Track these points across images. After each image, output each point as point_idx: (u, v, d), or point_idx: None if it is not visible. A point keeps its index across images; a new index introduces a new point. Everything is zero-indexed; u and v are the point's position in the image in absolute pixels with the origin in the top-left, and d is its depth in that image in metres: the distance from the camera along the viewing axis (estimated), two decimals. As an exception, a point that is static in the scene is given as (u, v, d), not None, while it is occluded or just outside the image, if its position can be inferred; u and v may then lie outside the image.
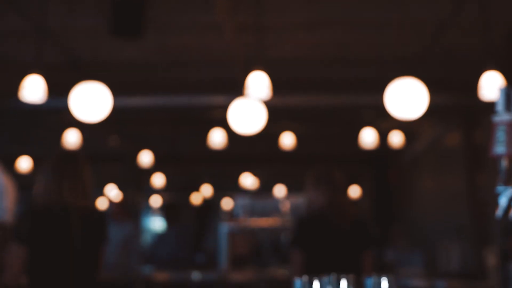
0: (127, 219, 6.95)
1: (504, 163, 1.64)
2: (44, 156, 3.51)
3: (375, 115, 8.32)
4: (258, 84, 4.70)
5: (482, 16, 4.81)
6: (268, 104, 5.49)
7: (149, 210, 16.41)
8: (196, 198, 16.05)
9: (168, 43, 6.12)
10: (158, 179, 13.27)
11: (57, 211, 3.30)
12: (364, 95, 7.31)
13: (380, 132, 8.64)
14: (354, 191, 14.45)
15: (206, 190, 15.30)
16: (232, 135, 7.43)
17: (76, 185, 3.35)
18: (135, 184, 13.89)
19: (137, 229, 7.99)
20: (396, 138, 8.98)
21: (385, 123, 8.59)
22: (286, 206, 7.84)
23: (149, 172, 12.86)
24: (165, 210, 7.84)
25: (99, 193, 12.43)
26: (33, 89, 4.74)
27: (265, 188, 14.11)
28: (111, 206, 7.08)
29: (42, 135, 9.98)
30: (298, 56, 6.57)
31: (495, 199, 1.63)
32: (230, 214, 8.37)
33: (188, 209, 15.33)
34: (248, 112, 5.28)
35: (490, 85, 4.50)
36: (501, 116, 1.66)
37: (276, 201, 8.10)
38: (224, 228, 7.54)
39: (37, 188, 3.36)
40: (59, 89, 5.47)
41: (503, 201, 1.61)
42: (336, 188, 4.03)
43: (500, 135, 1.64)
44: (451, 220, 8.95)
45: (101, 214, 3.50)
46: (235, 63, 6.27)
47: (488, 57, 4.68)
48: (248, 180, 14.12)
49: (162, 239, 7.47)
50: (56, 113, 7.92)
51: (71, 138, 8.05)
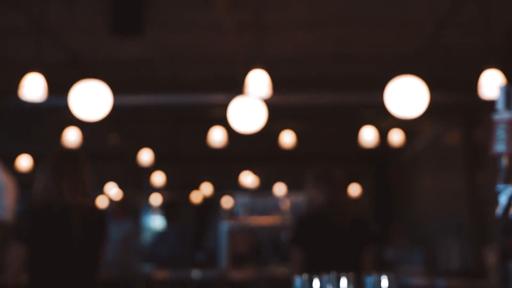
0: (127, 217, 6.95)
1: (504, 162, 1.64)
2: (44, 155, 3.50)
3: (375, 114, 8.32)
4: (258, 83, 4.70)
5: (482, 15, 4.81)
6: (268, 103, 5.49)
7: (149, 209, 16.41)
8: (196, 197, 16.05)
9: (168, 42, 6.12)
10: (158, 178, 13.27)
11: (57, 210, 3.29)
12: (364, 94, 7.31)
13: (380, 131, 8.64)
14: (354, 190, 14.45)
15: (206, 189, 15.30)
16: (232, 134, 7.43)
17: (76, 184, 3.35)
18: (135, 183, 13.89)
19: (137, 227, 7.98)
20: (396, 137, 8.99)
21: (385, 122, 8.59)
22: (286, 205, 7.84)
23: (149, 171, 12.86)
24: (165, 209, 7.84)
25: (99, 192, 12.44)
26: (33, 88, 4.74)
27: (265, 187, 14.11)
28: (111, 205, 7.08)
29: (42, 134, 9.98)
30: (298, 55, 6.57)
31: (495, 198, 1.63)
32: (230, 213, 8.37)
33: (188, 208, 15.34)
34: (248, 111, 5.28)
35: (490, 84, 4.50)
36: (501, 115, 1.66)
37: (276, 200, 8.09)
38: (224, 227, 7.53)
39: (37, 187, 3.35)
40: (59, 88, 5.47)
41: (503, 200, 1.61)
42: (336, 187, 4.03)
43: (500, 134, 1.64)
44: (451, 219, 8.95)
45: (101, 213, 3.50)
46: (235, 62, 6.27)
47: (488, 56, 4.68)
48: (248, 179, 14.12)
49: (162, 238, 7.47)
50: (56, 112, 7.91)
51: (71, 137, 8.05)
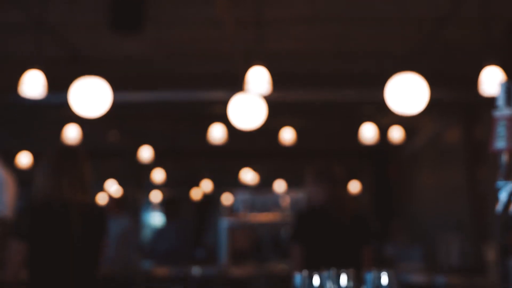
0: (124, 214, 6.95)
1: (504, 158, 1.64)
2: (44, 152, 3.50)
3: (375, 110, 8.32)
4: (258, 79, 4.70)
5: (482, 11, 4.80)
6: (268, 99, 5.49)
7: (149, 205, 16.42)
8: (196, 193, 16.06)
9: (168, 38, 6.11)
10: (158, 174, 13.28)
11: (57, 207, 3.29)
12: (364, 90, 7.30)
13: (380, 127, 8.64)
14: (354, 186, 14.46)
15: (206, 185, 15.32)
16: (232, 130, 7.43)
17: (76, 181, 3.34)
18: (135, 180, 13.90)
19: (135, 223, 7.98)
20: (396, 133, 8.99)
21: (385, 118, 8.59)
22: (286, 201, 7.85)
23: (149, 167, 12.87)
24: (165, 205, 7.84)
25: (99, 189, 12.44)
26: (33, 84, 4.73)
27: (265, 183, 14.12)
28: (108, 201, 7.07)
29: (42, 130, 9.97)
30: (298, 51, 6.56)
31: (495, 194, 1.62)
32: (230, 209, 8.37)
33: (188, 204, 15.35)
34: (248, 107, 5.28)
35: (490, 80, 4.49)
36: (502, 111, 1.66)
37: (276, 196, 8.10)
38: (224, 223, 7.54)
39: (37, 184, 3.35)
40: (59, 84, 5.46)
41: (503, 196, 1.60)
42: (336, 183, 4.04)
43: (501, 130, 1.64)
44: (451, 215, 8.95)
45: (101, 210, 3.51)
46: (235, 58, 6.27)
47: (488, 52, 4.68)
48: (248, 175, 14.13)
49: (162, 234, 7.47)
50: (56, 108, 7.91)
51: (71, 133, 8.05)
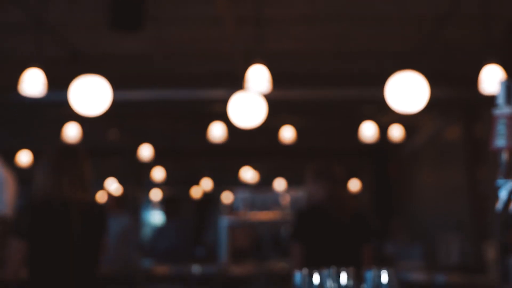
0: (124, 212, 6.94)
1: (505, 156, 1.63)
2: (44, 150, 3.50)
3: (375, 109, 8.31)
4: (258, 78, 4.69)
5: (482, 9, 4.80)
6: (268, 98, 5.48)
7: (149, 204, 16.42)
8: (196, 192, 16.07)
9: (168, 37, 6.10)
10: (158, 173, 13.28)
11: (57, 206, 3.29)
12: (364, 89, 7.30)
13: (380, 126, 8.64)
14: (354, 185, 14.46)
15: (206, 184, 15.31)
16: (232, 129, 7.42)
17: (76, 179, 3.34)
18: (135, 178, 13.89)
19: (135, 222, 7.97)
20: (396, 132, 8.98)
21: (385, 117, 8.58)
22: (286, 200, 7.84)
23: (149, 166, 12.86)
24: (165, 204, 7.83)
25: (99, 187, 12.43)
26: (33, 83, 4.73)
27: (265, 182, 14.11)
28: (107, 200, 7.06)
29: (42, 129, 9.97)
30: (298, 50, 6.56)
31: (495, 193, 1.62)
32: (230, 208, 8.37)
33: (188, 203, 15.35)
34: (248, 106, 5.28)
35: (490, 79, 4.49)
36: (502, 109, 1.66)
37: (276, 195, 8.09)
38: (224, 222, 7.54)
39: (37, 183, 3.35)
40: (59, 83, 5.47)
41: (503, 195, 1.60)
42: (336, 182, 4.04)
43: (501, 128, 1.63)
44: (451, 214, 8.95)
45: (101, 208, 3.50)
46: (235, 57, 6.26)
47: (488, 51, 4.67)
48: (248, 174, 14.13)
49: (162, 233, 7.47)
50: (56, 107, 7.91)
51: (71, 132, 8.05)
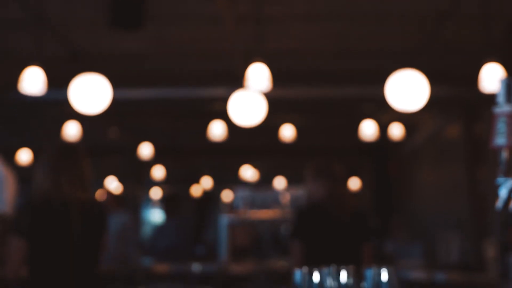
0: (122, 210, 6.92)
1: (505, 155, 1.63)
2: (44, 149, 3.50)
3: (375, 107, 8.31)
4: (258, 76, 4.69)
5: (482, 8, 4.80)
6: (268, 96, 5.48)
7: (149, 202, 16.43)
8: (196, 190, 16.07)
9: (168, 35, 6.10)
10: (158, 171, 13.28)
11: (57, 205, 3.29)
12: (364, 87, 7.30)
13: (380, 124, 8.64)
14: (354, 183, 14.46)
15: (206, 182, 15.32)
16: (232, 127, 7.42)
17: (76, 178, 3.34)
18: (135, 177, 13.89)
19: (135, 220, 7.97)
20: (396, 130, 8.98)
21: (385, 115, 8.58)
22: (286, 198, 7.84)
23: (149, 164, 12.86)
24: (165, 202, 7.83)
25: (99, 186, 12.43)
26: (33, 81, 4.73)
27: (265, 180, 14.12)
28: (107, 198, 7.05)
29: (42, 127, 9.97)
30: (298, 48, 6.56)
31: (495, 192, 1.62)
32: (230, 206, 8.37)
33: (188, 201, 15.36)
34: (248, 104, 5.28)
35: (491, 77, 4.49)
36: (502, 108, 1.66)
37: (276, 193, 8.09)
38: (224, 220, 7.53)
39: (37, 181, 3.35)
40: (59, 81, 5.46)
41: (503, 193, 1.60)
42: (336, 180, 4.03)
43: (501, 127, 1.63)
44: (451, 212, 8.95)
45: (101, 207, 3.49)
46: (235, 55, 6.26)
47: (488, 49, 4.67)
48: (248, 172, 14.13)
49: (162, 231, 7.47)
50: (56, 105, 7.91)
51: (71, 130, 8.05)
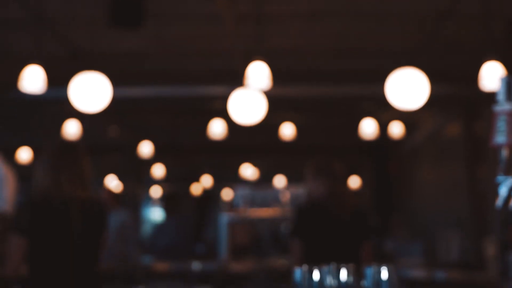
0: (120, 208, 6.91)
1: (505, 153, 1.63)
2: (44, 147, 3.50)
3: (376, 106, 8.31)
4: (258, 75, 4.69)
5: (482, 6, 4.79)
6: (268, 95, 5.48)
7: (149, 201, 16.43)
8: (196, 189, 16.08)
9: (168, 34, 6.10)
10: (158, 170, 13.29)
11: (57, 203, 3.29)
12: (365, 86, 7.30)
13: (380, 123, 8.64)
14: (354, 182, 14.45)
15: (206, 181, 15.32)
16: (232, 126, 7.42)
17: (75, 177, 3.34)
18: (135, 175, 13.89)
19: (133, 218, 7.96)
20: (396, 129, 8.98)
21: (386, 114, 8.58)
22: (286, 197, 7.84)
23: (149, 163, 12.87)
24: (165, 201, 7.83)
25: (99, 184, 12.43)
26: (33, 80, 4.73)
27: (265, 179, 14.12)
28: (106, 196, 7.04)
29: (42, 126, 9.97)
30: (298, 47, 6.55)
31: (495, 190, 1.62)
32: (230, 205, 8.37)
33: (188, 200, 15.36)
34: (248, 103, 5.28)
35: (491, 76, 4.49)
36: (502, 106, 1.65)
37: (276, 192, 8.10)
38: (224, 219, 7.54)
39: (37, 180, 3.35)
40: (59, 80, 5.46)
41: (503, 191, 1.60)
42: (336, 179, 4.04)
43: (501, 125, 1.63)
44: (451, 211, 8.95)
45: (101, 206, 3.48)
46: (235, 54, 6.26)
47: (488, 48, 4.67)
48: (248, 171, 14.13)
49: (162, 230, 7.47)
50: (56, 104, 7.90)
51: (71, 129, 8.04)
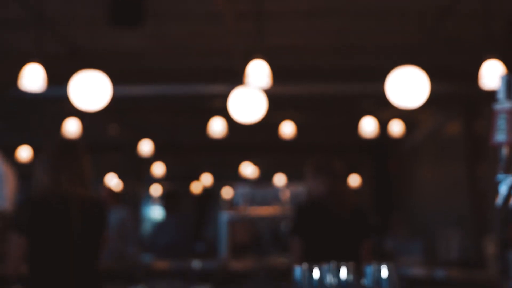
0: (119, 206, 6.91)
1: (505, 151, 1.63)
2: (44, 145, 3.50)
3: (376, 104, 8.31)
4: (258, 73, 4.69)
5: (482, 4, 4.79)
6: (268, 93, 5.48)
7: (149, 199, 16.43)
8: (196, 187, 16.08)
9: (168, 32, 6.10)
10: (158, 168, 13.29)
11: (57, 202, 3.29)
12: (365, 84, 7.30)
13: (380, 121, 8.64)
14: (354, 180, 14.45)
15: (206, 179, 15.33)
16: (232, 124, 7.42)
17: (75, 175, 3.34)
18: (135, 173, 13.89)
19: (133, 216, 7.96)
20: (396, 127, 8.98)
21: (386, 112, 8.58)
22: (286, 195, 7.84)
23: (149, 161, 12.87)
24: (165, 199, 7.83)
25: (99, 183, 12.43)
26: (33, 78, 4.73)
27: (265, 177, 14.12)
28: (105, 194, 7.04)
29: (42, 124, 9.97)
30: (298, 45, 6.55)
31: (495, 189, 1.62)
32: (230, 203, 8.37)
33: (188, 198, 15.36)
34: (248, 101, 5.28)
35: (491, 74, 4.49)
36: (502, 104, 1.65)
37: (276, 190, 8.09)
38: (224, 217, 7.54)
39: (36, 178, 3.35)
40: (59, 78, 5.46)
41: (503, 190, 1.60)
42: (336, 177, 4.03)
43: (501, 123, 1.63)
44: (451, 209, 8.95)
45: (101, 205, 3.48)
46: (235, 52, 6.26)
47: (489, 46, 4.67)
48: (248, 169, 14.13)
49: (162, 228, 7.47)
50: (56, 102, 7.90)
51: (71, 127, 8.04)
